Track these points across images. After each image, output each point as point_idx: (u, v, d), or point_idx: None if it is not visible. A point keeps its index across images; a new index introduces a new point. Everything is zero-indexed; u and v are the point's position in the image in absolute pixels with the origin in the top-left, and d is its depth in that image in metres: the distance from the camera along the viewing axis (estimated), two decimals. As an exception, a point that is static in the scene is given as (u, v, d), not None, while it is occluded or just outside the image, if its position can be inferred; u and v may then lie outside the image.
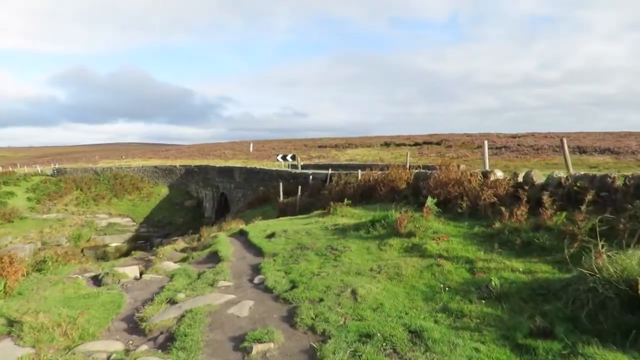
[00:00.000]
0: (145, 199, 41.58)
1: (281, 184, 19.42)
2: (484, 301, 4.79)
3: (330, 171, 19.42)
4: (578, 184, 7.30)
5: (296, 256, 7.72)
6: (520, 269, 5.54)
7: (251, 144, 67.67)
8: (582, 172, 8.15)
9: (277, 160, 35.01)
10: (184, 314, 5.43)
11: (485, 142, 11.28)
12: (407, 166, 14.56)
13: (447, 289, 5.28)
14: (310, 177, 20.69)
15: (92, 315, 5.75)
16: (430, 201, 8.20)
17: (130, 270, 8.48)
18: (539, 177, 8.68)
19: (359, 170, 15.91)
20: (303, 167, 32.68)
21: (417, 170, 13.13)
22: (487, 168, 10.99)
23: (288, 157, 34.82)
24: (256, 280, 6.81)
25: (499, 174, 9.55)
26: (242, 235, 11.16)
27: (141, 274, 8.55)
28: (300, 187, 18.42)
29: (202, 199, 40.94)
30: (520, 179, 8.96)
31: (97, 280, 8.16)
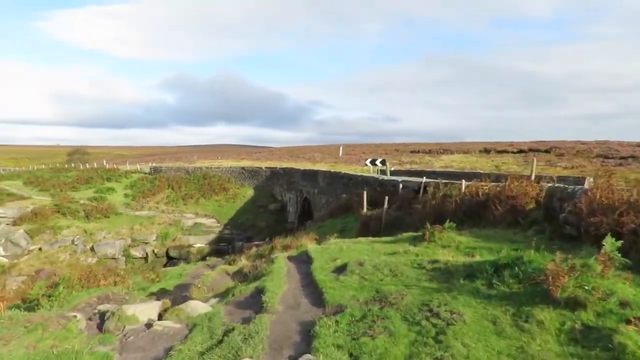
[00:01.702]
0: (230, 200, 41.22)
1: (365, 193, 16.57)
2: None
3: (424, 180, 16.12)
4: None
5: (372, 318, 4.84)
6: None
7: (341, 148, 65.74)
8: None
9: (366, 164, 32.22)
10: None
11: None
12: (532, 177, 10.88)
13: None
14: (400, 185, 17.54)
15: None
16: (610, 244, 4.76)
17: (145, 310, 6.23)
18: None
19: (463, 181, 12.49)
20: (392, 173, 29.49)
21: (550, 185, 9.46)
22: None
23: (377, 162, 31.84)
24: (300, 365, 4.08)
25: None
26: (306, 261, 8.53)
27: (160, 316, 6.28)
28: (387, 197, 15.42)
29: (285, 203, 39.49)
30: None
31: (103, 320, 6.05)
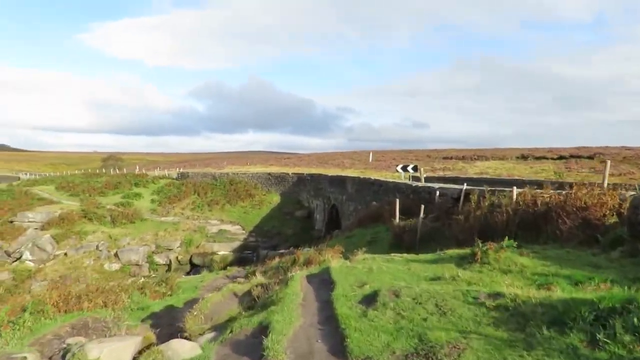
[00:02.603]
0: (256, 207, 40.13)
1: (397, 202, 14.89)
2: None
3: (465, 186, 14.30)
4: None
5: (415, 387, 3.27)
6: None
7: (370, 154, 64.20)
8: None
9: (397, 171, 30.48)
10: None
11: None
12: (605, 184, 8.96)
13: None
14: (437, 192, 15.76)
15: None
16: None
17: (115, 351, 4.83)
18: None
19: (514, 188, 10.67)
20: (426, 179, 27.60)
21: (634, 193, 7.57)
22: None
23: (409, 168, 30.04)
24: None
25: None
26: (328, 283, 6.99)
27: (135, 358, 4.87)
28: (422, 205, 13.72)
29: (313, 210, 38.05)
30: None
31: (64, 362, 4.69)
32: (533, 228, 8.93)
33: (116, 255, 31.67)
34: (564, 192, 9.15)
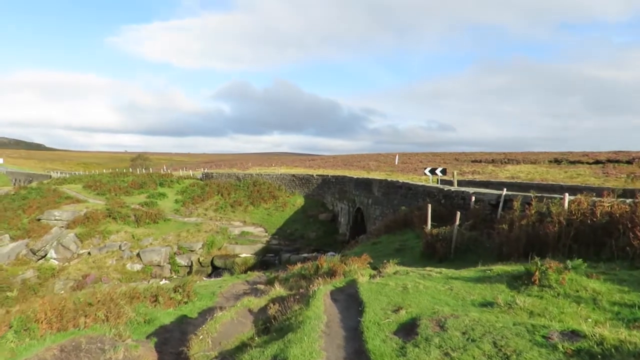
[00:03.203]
0: (280, 209, 39.39)
1: (429, 207, 13.74)
2: None
3: (504, 192, 13.04)
4: None
5: None
6: None
7: (397, 156, 62.93)
8: None
9: (425, 174, 29.22)
10: None
11: None
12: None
13: None
14: (472, 197, 14.52)
15: None
16: None
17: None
18: None
19: (566, 195, 9.44)
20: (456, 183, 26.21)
21: None
22: None
23: (437, 171, 28.73)
24: None
25: None
26: (355, 301, 6.02)
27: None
28: (456, 211, 12.54)
29: (337, 213, 37.06)
30: None
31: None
32: (592, 242, 7.72)
33: (138, 255, 31.47)
34: (628, 201, 7.91)
